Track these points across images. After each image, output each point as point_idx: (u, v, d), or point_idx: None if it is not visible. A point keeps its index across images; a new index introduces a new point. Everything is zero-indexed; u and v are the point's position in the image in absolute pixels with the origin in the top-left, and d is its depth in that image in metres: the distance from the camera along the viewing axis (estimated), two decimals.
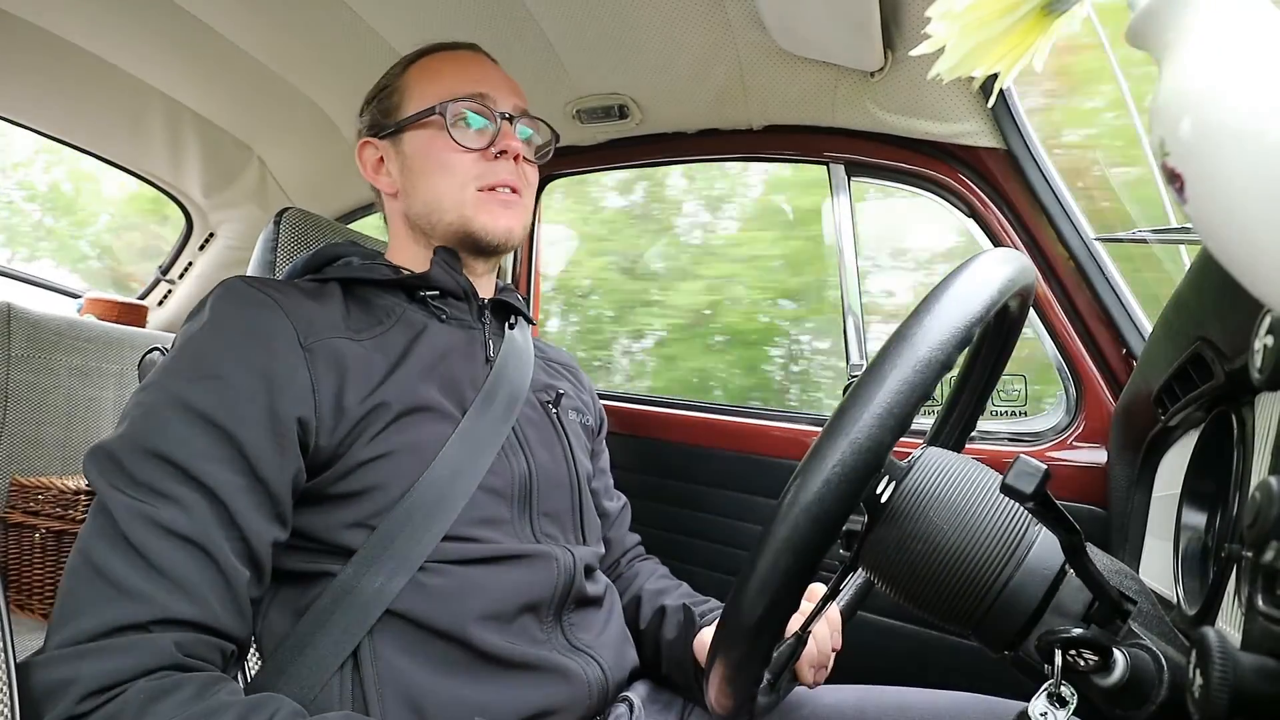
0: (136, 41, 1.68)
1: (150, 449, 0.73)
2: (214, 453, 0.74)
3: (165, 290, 2.64)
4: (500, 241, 0.99)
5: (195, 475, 0.72)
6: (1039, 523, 0.56)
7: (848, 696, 0.96)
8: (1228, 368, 0.64)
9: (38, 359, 1.91)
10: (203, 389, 0.76)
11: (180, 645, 0.67)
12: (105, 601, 0.67)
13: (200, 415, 0.75)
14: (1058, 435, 1.35)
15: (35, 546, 1.70)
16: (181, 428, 0.74)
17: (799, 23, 1.25)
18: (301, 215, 1.14)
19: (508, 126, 1.00)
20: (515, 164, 1.00)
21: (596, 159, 1.87)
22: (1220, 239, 0.34)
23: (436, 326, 0.96)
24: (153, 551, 0.69)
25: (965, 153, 1.41)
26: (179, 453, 0.73)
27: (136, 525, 0.69)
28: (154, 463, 0.72)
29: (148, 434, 0.73)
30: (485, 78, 1.02)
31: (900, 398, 0.49)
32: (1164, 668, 0.52)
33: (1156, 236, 1.24)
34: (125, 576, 0.68)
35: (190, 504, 0.72)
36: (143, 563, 0.68)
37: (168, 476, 0.72)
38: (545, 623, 0.89)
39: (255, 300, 0.83)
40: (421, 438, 0.86)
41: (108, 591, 0.67)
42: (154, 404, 0.75)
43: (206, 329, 0.81)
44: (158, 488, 0.71)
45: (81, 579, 0.68)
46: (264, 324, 0.82)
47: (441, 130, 0.98)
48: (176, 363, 0.79)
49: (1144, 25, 0.37)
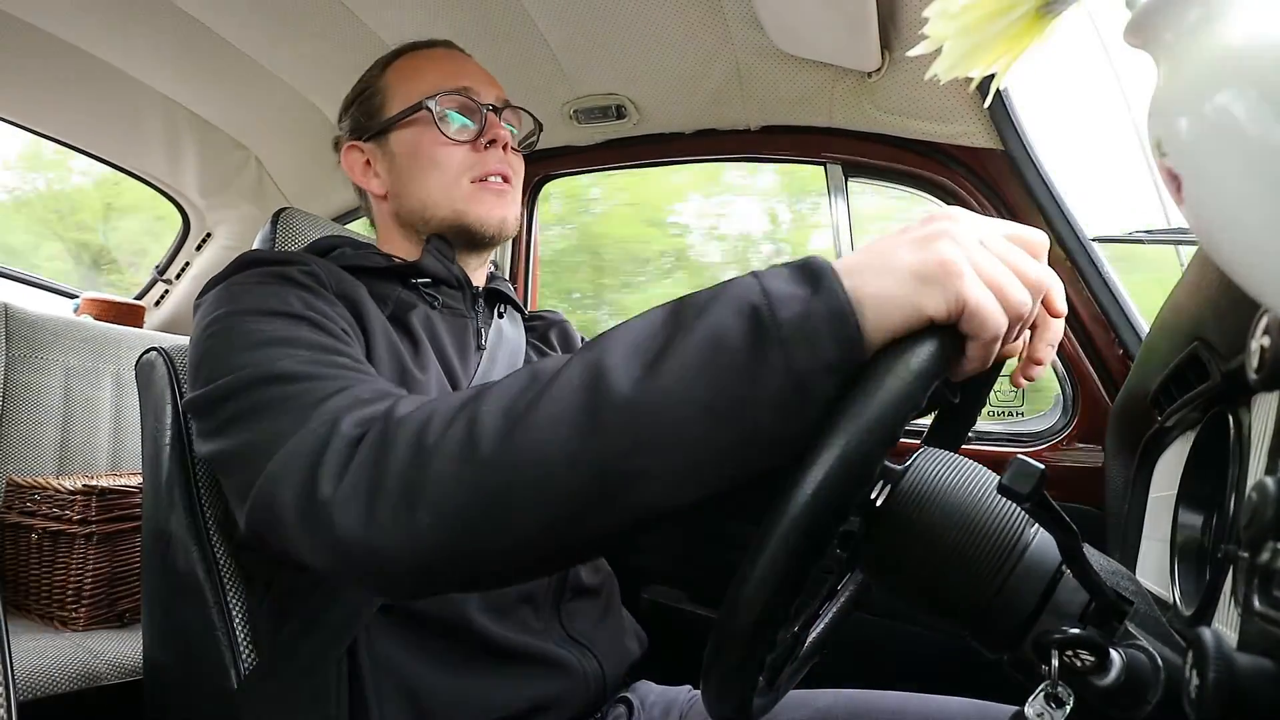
0: (134, 42, 1.67)
1: (252, 341, 0.71)
2: (305, 332, 0.74)
3: (162, 290, 2.64)
4: (495, 232, 1.00)
5: (310, 340, 0.72)
6: (1036, 523, 0.56)
7: (842, 700, 0.96)
8: (1224, 368, 0.64)
9: (35, 359, 1.91)
10: (266, 297, 0.76)
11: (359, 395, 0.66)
12: (311, 389, 0.65)
13: (276, 312, 0.74)
14: (1054, 436, 1.35)
15: (31, 547, 1.69)
16: (265, 321, 0.73)
17: (796, 23, 1.25)
18: (298, 215, 1.14)
19: (494, 117, 1.00)
20: (505, 153, 1.00)
21: (593, 159, 1.87)
22: (1217, 239, 0.34)
23: (431, 314, 0.96)
24: (310, 369, 0.68)
25: (962, 153, 1.41)
26: (275, 330, 0.72)
27: (286, 363, 0.68)
28: (262, 345, 0.71)
29: (242, 336, 0.72)
30: (466, 72, 1.03)
31: (890, 409, 0.49)
32: (1160, 668, 0.52)
33: (1153, 237, 1.24)
34: (312, 370, 0.67)
35: (312, 335, 0.72)
36: (308, 379, 0.67)
37: (287, 325, 0.72)
38: (543, 613, 0.89)
39: (280, 256, 0.85)
40: None
41: (290, 400, 0.65)
42: (227, 319, 0.74)
43: (241, 282, 0.80)
44: (283, 335, 0.71)
45: (257, 414, 0.66)
46: (293, 266, 0.82)
47: (430, 126, 0.98)
48: (222, 298, 0.78)
49: (1141, 24, 0.37)
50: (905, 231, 0.52)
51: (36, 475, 1.79)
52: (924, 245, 0.49)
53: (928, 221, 0.52)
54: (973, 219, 0.52)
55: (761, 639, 0.53)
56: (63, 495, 1.66)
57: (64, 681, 1.41)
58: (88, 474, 1.91)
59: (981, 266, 0.49)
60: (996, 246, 0.51)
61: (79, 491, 1.64)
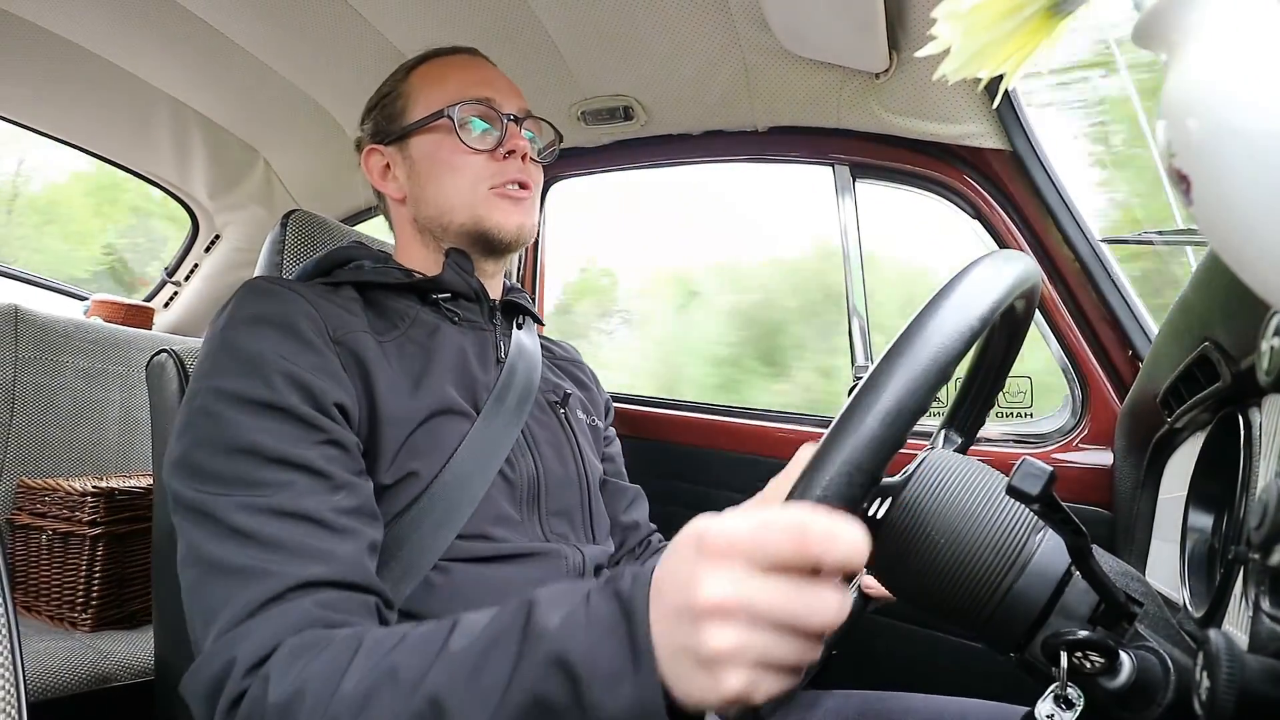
0: (143, 44, 1.68)
1: (227, 446, 0.73)
2: (287, 432, 0.75)
3: (171, 292, 2.64)
4: (513, 239, 1.00)
5: (279, 456, 0.73)
6: (1045, 525, 0.56)
7: (852, 702, 0.96)
8: (1234, 369, 0.64)
9: (45, 361, 1.92)
10: (252, 380, 0.76)
11: (321, 604, 0.67)
12: (237, 590, 0.67)
13: (259, 403, 0.75)
14: (1063, 437, 1.35)
15: (42, 548, 1.70)
16: (247, 418, 0.74)
17: (804, 24, 1.25)
18: (308, 218, 1.15)
19: (514, 127, 1.00)
20: (524, 163, 1.00)
21: (601, 160, 1.87)
22: (1227, 240, 0.33)
23: (450, 329, 0.96)
24: (264, 533, 0.69)
25: (970, 154, 1.41)
26: (255, 440, 0.73)
27: (241, 516, 0.69)
28: (235, 457, 0.72)
29: (221, 433, 0.74)
30: (490, 81, 1.03)
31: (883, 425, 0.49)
32: (1171, 670, 0.52)
33: (1163, 238, 1.23)
34: (247, 562, 0.68)
35: (284, 482, 0.72)
36: (258, 545, 0.69)
37: (253, 465, 0.72)
38: None
39: (281, 296, 0.84)
40: (441, 438, 0.86)
41: (236, 581, 0.67)
42: (210, 405, 0.75)
43: (239, 325, 0.81)
44: (248, 478, 0.72)
45: (205, 583, 0.69)
46: (293, 316, 0.82)
47: (450, 133, 0.98)
48: (216, 362, 0.79)
49: (1150, 25, 0.37)
50: (678, 574, 0.48)
51: (47, 477, 1.80)
52: (694, 626, 0.45)
53: (694, 571, 0.46)
54: (738, 547, 0.45)
55: None
56: (73, 496, 1.67)
57: (74, 682, 1.42)
58: (98, 475, 1.92)
59: (752, 647, 0.44)
60: (768, 601, 0.45)
61: (89, 493, 1.65)
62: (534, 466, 0.95)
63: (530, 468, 0.94)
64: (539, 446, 0.97)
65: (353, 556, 0.72)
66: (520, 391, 0.97)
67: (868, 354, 1.53)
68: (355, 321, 0.88)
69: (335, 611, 0.68)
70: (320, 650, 0.63)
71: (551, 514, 0.95)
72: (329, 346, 0.83)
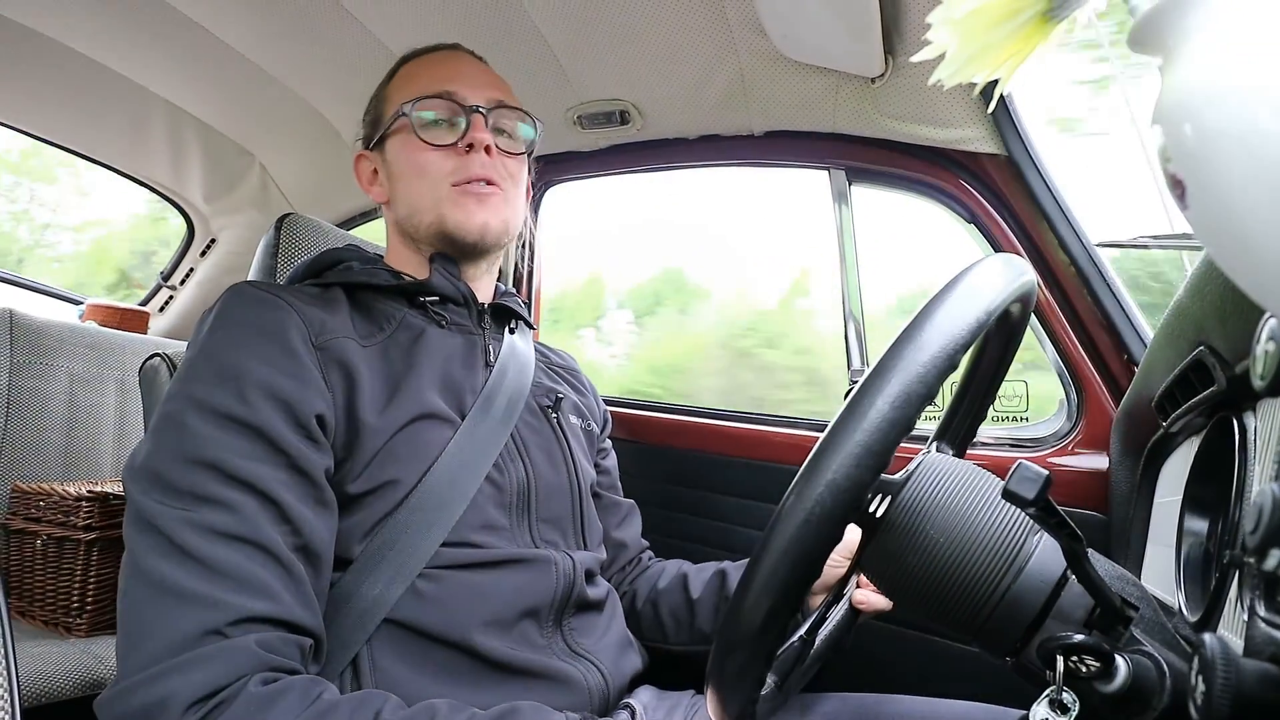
0: (139, 48, 1.68)
1: (187, 457, 0.72)
2: (251, 450, 0.74)
3: (167, 296, 2.64)
4: (476, 238, 0.97)
5: (237, 475, 0.72)
6: (1040, 529, 0.56)
7: (849, 705, 0.96)
8: (1229, 374, 0.64)
9: (39, 365, 1.91)
10: (226, 391, 0.76)
11: (261, 644, 0.67)
12: (176, 614, 0.66)
13: (229, 417, 0.74)
14: (1059, 441, 1.35)
15: (37, 553, 1.69)
16: (214, 431, 0.73)
17: (800, 29, 1.25)
18: (303, 221, 1.15)
19: (477, 119, 0.97)
20: (489, 156, 0.97)
21: (597, 165, 1.87)
22: (1222, 245, 0.33)
23: (436, 332, 0.96)
24: (211, 556, 0.68)
25: (966, 158, 1.41)
26: (217, 455, 0.72)
27: (188, 533, 0.68)
28: (194, 469, 0.71)
29: (181, 443, 0.73)
30: (455, 74, 1.01)
31: (880, 433, 0.49)
32: (1166, 674, 0.52)
33: (1158, 242, 1.24)
34: (190, 585, 0.67)
35: (238, 504, 0.71)
36: (203, 569, 0.67)
37: (211, 480, 0.71)
38: (545, 628, 0.89)
39: (265, 301, 0.84)
40: (422, 444, 0.86)
41: (175, 604, 0.66)
42: (180, 413, 0.75)
43: (220, 332, 0.80)
44: (202, 493, 0.71)
45: (143, 598, 0.67)
46: (276, 323, 0.82)
47: (411, 132, 0.97)
48: (194, 369, 0.78)
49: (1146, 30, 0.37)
50: None
51: (42, 481, 1.79)
52: None
53: None
54: None
55: (765, 645, 0.53)
56: (68, 501, 1.66)
57: (68, 687, 1.41)
58: (92, 480, 1.91)
59: None
60: None
61: (84, 497, 1.64)
62: (524, 472, 0.94)
63: (520, 473, 0.94)
64: (530, 451, 0.97)
65: (295, 594, 0.72)
66: (509, 396, 0.97)
67: (863, 359, 1.53)
68: (340, 326, 0.87)
69: (274, 654, 0.67)
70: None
71: (542, 520, 0.95)
72: (310, 353, 0.82)
